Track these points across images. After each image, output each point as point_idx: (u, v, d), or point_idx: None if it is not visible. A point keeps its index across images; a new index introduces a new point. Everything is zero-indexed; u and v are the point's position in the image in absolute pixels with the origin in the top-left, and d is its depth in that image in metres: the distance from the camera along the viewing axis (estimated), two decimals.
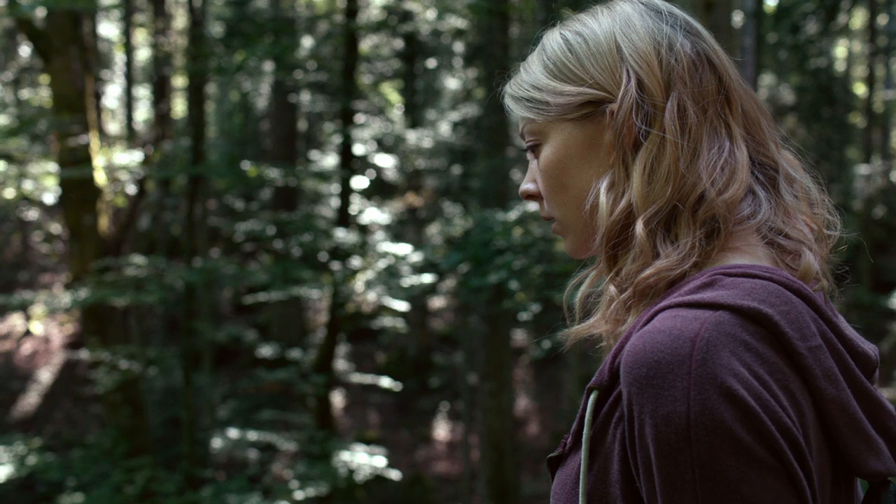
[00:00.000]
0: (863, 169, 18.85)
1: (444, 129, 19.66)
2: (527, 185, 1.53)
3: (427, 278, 12.15)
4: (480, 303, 13.29)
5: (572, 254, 1.52)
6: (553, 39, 1.49)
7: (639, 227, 1.31)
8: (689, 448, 1.10)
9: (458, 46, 20.18)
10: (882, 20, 24.01)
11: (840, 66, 26.65)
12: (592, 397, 1.25)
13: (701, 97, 1.36)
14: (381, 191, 20.37)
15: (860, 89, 27.24)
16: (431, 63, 20.93)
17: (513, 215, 10.60)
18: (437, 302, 23.81)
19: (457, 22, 16.84)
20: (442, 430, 21.61)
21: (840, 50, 26.80)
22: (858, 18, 24.97)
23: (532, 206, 11.08)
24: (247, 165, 14.31)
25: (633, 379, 1.15)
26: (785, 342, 1.17)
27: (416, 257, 12.17)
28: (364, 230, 14.62)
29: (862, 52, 27.34)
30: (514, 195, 18.18)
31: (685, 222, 1.30)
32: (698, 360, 1.11)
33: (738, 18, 15.45)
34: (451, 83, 22.21)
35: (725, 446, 1.09)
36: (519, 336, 21.96)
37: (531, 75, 1.48)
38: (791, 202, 1.39)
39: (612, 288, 1.38)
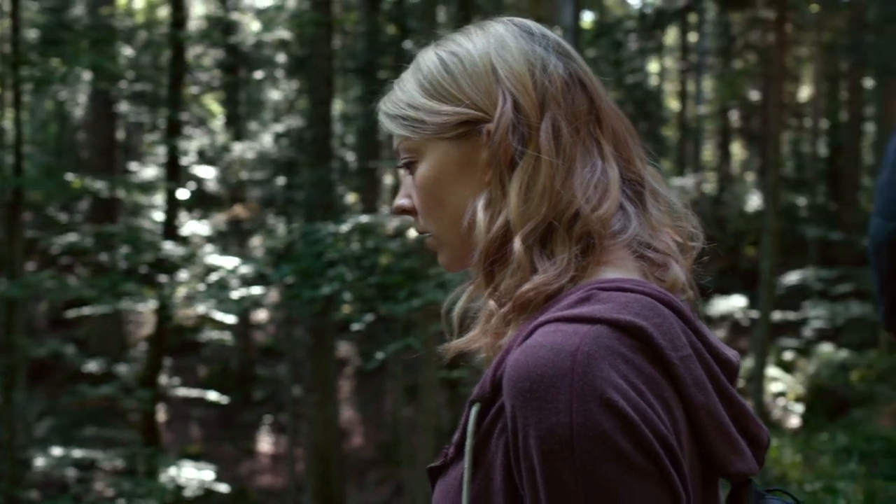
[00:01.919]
0: (677, 181, 19.65)
1: (267, 140, 19.61)
2: (401, 201, 1.53)
3: (256, 290, 12.10)
4: (306, 315, 13.31)
5: (447, 268, 1.52)
6: (429, 59, 1.48)
7: (517, 243, 1.33)
8: (573, 457, 1.13)
9: (281, 57, 20.15)
10: (693, 38, 25.18)
11: (654, 82, 27.73)
12: (475, 409, 1.26)
13: (574, 117, 1.39)
14: (203, 202, 20.13)
15: (673, 104, 28.48)
16: (258, 74, 20.82)
17: (344, 227, 10.68)
18: (260, 314, 23.65)
19: (281, 33, 16.84)
20: (265, 443, 21.48)
21: (653, 66, 27.85)
22: (671, 36, 26.08)
23: (364, 218, 11.24)
24: (70, 177, 13.96)
25: (517, 392, 1.16)
26: (658, 353, 1.21)
27: (246, 269, 12.10)
28: (187, 242, 14.46)
29: (674, 69, 28.55)
30: (340, 207, 18.24)
31: (561, 238, 1.33)
32: (579, 374, 1.14)
33: (557, 34, 15.95)
34: (274, 94, 22.15)
35: (607, 455, 1.13)
36: (342, 347, 22.02)
37: (406, 94, 1.47)
38: (657, 216, 1.43)
39: (491, 303, 1.38)
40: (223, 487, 13.11)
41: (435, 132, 1.43)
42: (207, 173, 16.66)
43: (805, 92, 28.80)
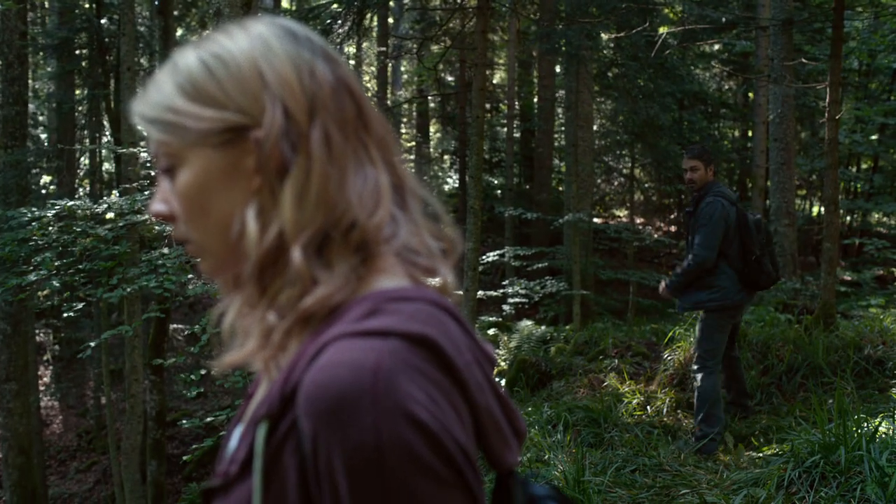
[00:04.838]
0: None
1: None
2: (159, 207, 1.43)
3: None
4: (3, 301, 12.85)
5: (210, 275, 1.46)
6: (189, 60, 1.38)
7: (296, 254, 1.29)
8: (382, 474, 1.12)
9: None
10: (391, 21, 25.77)
11: (351, 63, 28.17)
12: (263, 427, 1.23)
13: (343, 123, 1.35)
14: None
15: (371, 85, 29.03)
16: None
17: (51, 212, 10.42)
18: None
19: None
20: None
21: (350, 48, 28.25)
22: (369, 19, 26.61)
23: (69, 203, 10.96)
24: None
25: (318, 412, 1.14)
26: (447, 361, 1.21)
27: None
28: None
29: (371, 51, 29.06)
30: (37, 192, 17.59)
31: (338, 247, 1.30)
32: (382, 391, 1.12)
33: (258, 14, 16.01)
34: None
35: (415, 470, 1.13)
36: (38, 333, 21.30)
37: (164, 96, 1.38)
38: (419, 219, 1.42)
39: (270, 316, 1.33)
40: None
41: (198, 138, 1.35)
42: None
43: (498, 76, 30.05)
